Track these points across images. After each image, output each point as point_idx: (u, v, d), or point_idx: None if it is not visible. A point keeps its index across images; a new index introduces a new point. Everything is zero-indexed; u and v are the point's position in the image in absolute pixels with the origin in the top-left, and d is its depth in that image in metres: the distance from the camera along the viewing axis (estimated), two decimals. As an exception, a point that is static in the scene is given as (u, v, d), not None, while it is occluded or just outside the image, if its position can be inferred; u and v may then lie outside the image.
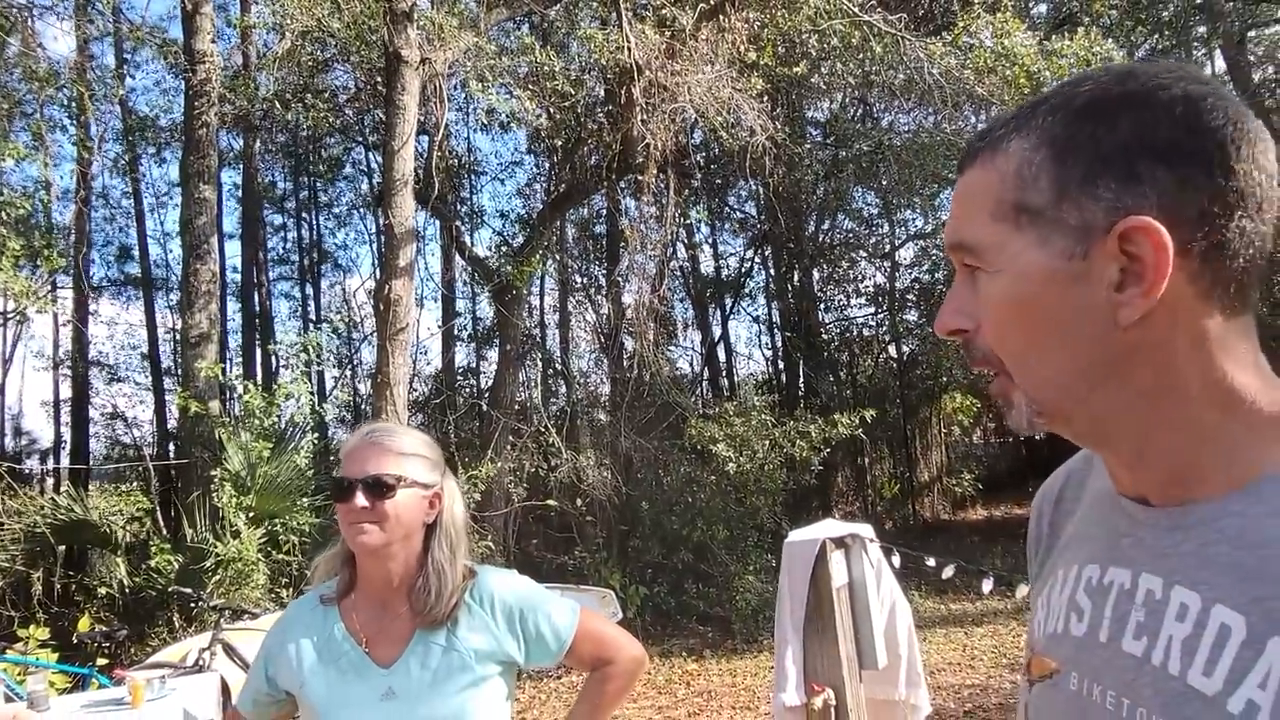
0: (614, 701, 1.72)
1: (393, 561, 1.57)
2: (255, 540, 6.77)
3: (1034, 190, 0.68)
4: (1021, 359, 0.70)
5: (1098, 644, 0.72)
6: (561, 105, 9.08)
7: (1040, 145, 0.68)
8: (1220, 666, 0.61)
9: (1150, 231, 0.63)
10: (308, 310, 16.61)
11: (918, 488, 16.15)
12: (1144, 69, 0.67)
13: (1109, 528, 0.76)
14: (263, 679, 1.62)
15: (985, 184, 0.71)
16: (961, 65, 8.45)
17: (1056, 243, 0.67)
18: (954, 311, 0.74)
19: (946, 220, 0.76)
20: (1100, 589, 0.74)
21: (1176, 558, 0.67)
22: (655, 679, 7.33)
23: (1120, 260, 0.65)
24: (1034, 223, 0.68)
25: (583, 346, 13.43)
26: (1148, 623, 0.68)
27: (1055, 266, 0.67)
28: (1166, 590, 0.67)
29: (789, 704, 2.90)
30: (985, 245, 0.70)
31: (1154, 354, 0.66)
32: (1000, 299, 0.70)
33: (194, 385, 7.70)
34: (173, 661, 5.02)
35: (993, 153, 0.71)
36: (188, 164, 8.27)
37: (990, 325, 0.71)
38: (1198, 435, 0.67)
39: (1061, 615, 0.78)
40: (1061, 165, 0.67)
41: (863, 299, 16.25)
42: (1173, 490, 0.69)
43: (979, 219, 0.71)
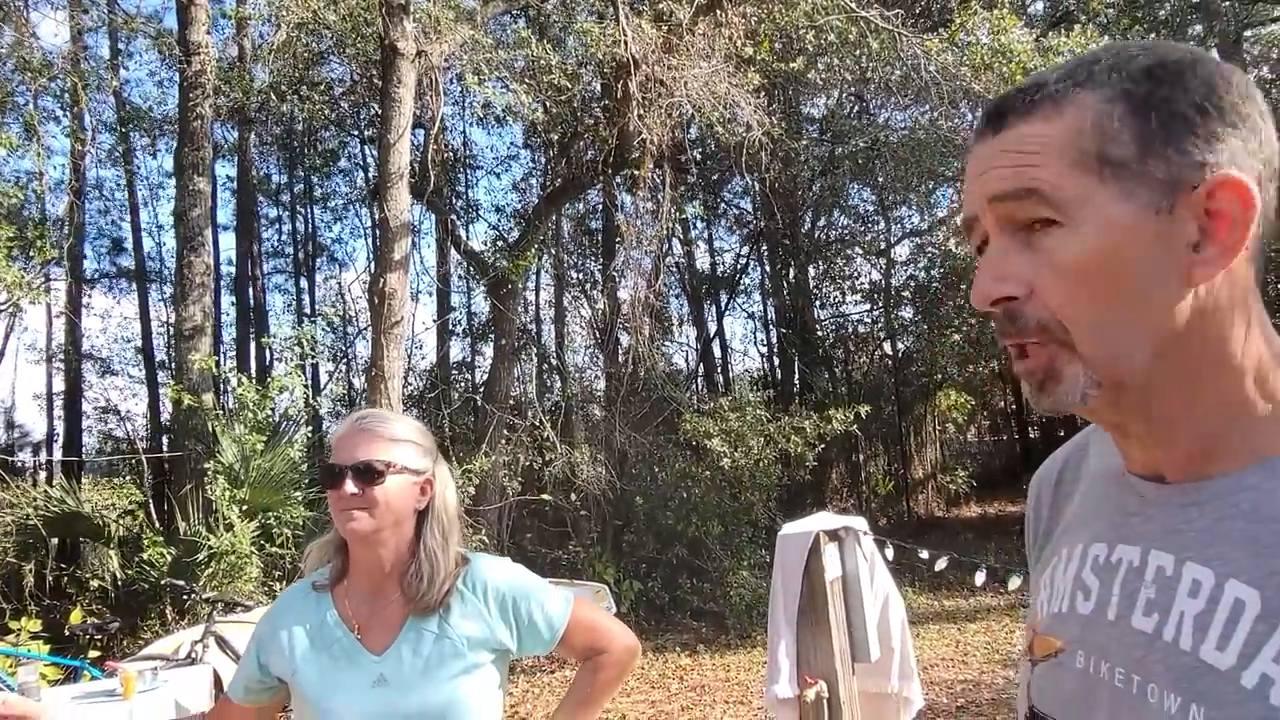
0: (607, 691, 1.72)
1: (383, 548, 1.56)
2: (248, 533, 6.76)
3: (1117, 143, 0.65)
4: (1095, 321, 0.66)
5: (1105, 622, 0.71)
6: (558, 99, 9.06)
7: (1115, 100, 0.65)
8: (1234, 641, 0.60)
9: (1240, 187, 0.62)
10: (302, 304, 16.59)
11: (912, 484, 16.17)
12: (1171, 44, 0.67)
13: (1116, 506, 0.75)
14: (255, 666, 1.62)
15: (1058, 134, 0.66)
16: (958, 62, 8.45)
17: (1142, 196, 0.64)
18: (999, 277, 0.68)
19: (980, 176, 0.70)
20: (1108, 567, 0.73)
21: (1190, 534, 0.66)
22: (649, 674, 7.33)
23: (1201, 219, 0.63)
24: (1118, 176, 0.64)
25: (578, 341, 13.43)
26: (1158, 599, 0.67)
27: (1140, 221, 0.64)
28: (1178, 567, 0.66)
29: (782, 696, 2.90)
30: (1068, 196, 0.65)
31: (1210, 321, 0.65)
32: (1080, 254, 0.65)
33: (187, 378, 7.68)
34: (165, 654, 5.01)
35: (1056, 104, 0.67)
36: (182, 156, 8.24)
37: (1061, 285, 0.66)
38: (1231, 407, 0.66)
39: (1067, 594, 0.77)
40: (1144, 120, 0.64)
41: (858, 296, 16.27)
42: (1193, 466, 0.68)
43: (1057, 168, 0.65)
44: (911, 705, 3.23)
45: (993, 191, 0.68)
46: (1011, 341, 0.69)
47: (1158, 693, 0.65)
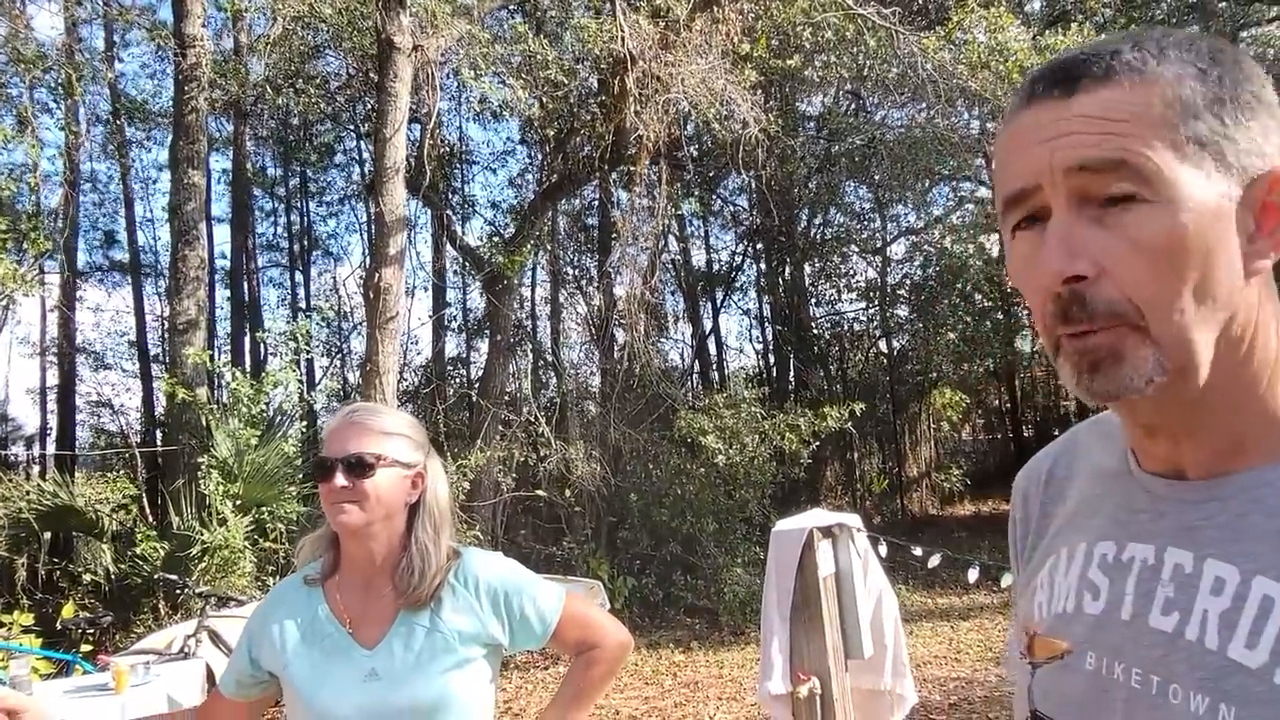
0: (599, 686, 1.72)
1: (374, 541, 1.56)
2: (242, 528, 6.75)
3: (1200, 121, 0.62)
4: (1175, 304, 0.62)
5: (1118, 622, 0.69)
6: (554, 95, 9.05)
7: (1189, 78, 0.62)
8: (1265, 638, 0.59)
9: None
10: (297, 298, 16.55)
11: (906, 483, 16.20)
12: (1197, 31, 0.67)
13: (1120, 504, 0.73)
14: (246, 660, 1.61)
15: (1145, 104, 0.62)
16: (955, 60, 8.45)
17: (1218, 180, 0.62)
18: (1072, 254, 0.62)
19: (1055, 139, 0.64)
20: (1118, 566, 0.71)
21: (1209, 530, 0.64)
22: (642, 670, 7.34)
23: (1257, 209, 0.63)
24: (1200, 155, 0.62)
25: (573, 338, 13.42)
26: (1178, 598, 0.65)
27: (1219, 204, 0.62)
28: (1198, 564, 0.64)
29: (774, 692, 2.90)
30: (1157, 171, 0.61)
31: (1254, 315, 0.64)
32: (1167, 233, 0.61)
33: (181, 372, 7.66)
34: (158, 648, 5.00)
35: (1139, 75, 0.63)
36: (177, 149, 8.21)
37: (1141, 264, 0.61)
38: (1262, 402, 0.65)
39: (1071, 594, 0.74)
40: (1220, 103, 0.62)
41: (853, 294, 16.28)
42: (1219, 462, 0.66)
43: (1147, 141, 0.61)
44: (905, 702, 3.24)
45: (1072, 160, 0.63)
46: (1072, 329, 0.64)
47: (1181, 693, 0.62)
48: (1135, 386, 0.63)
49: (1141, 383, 0.63)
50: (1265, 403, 0.64)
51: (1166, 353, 0.62)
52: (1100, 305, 0.62)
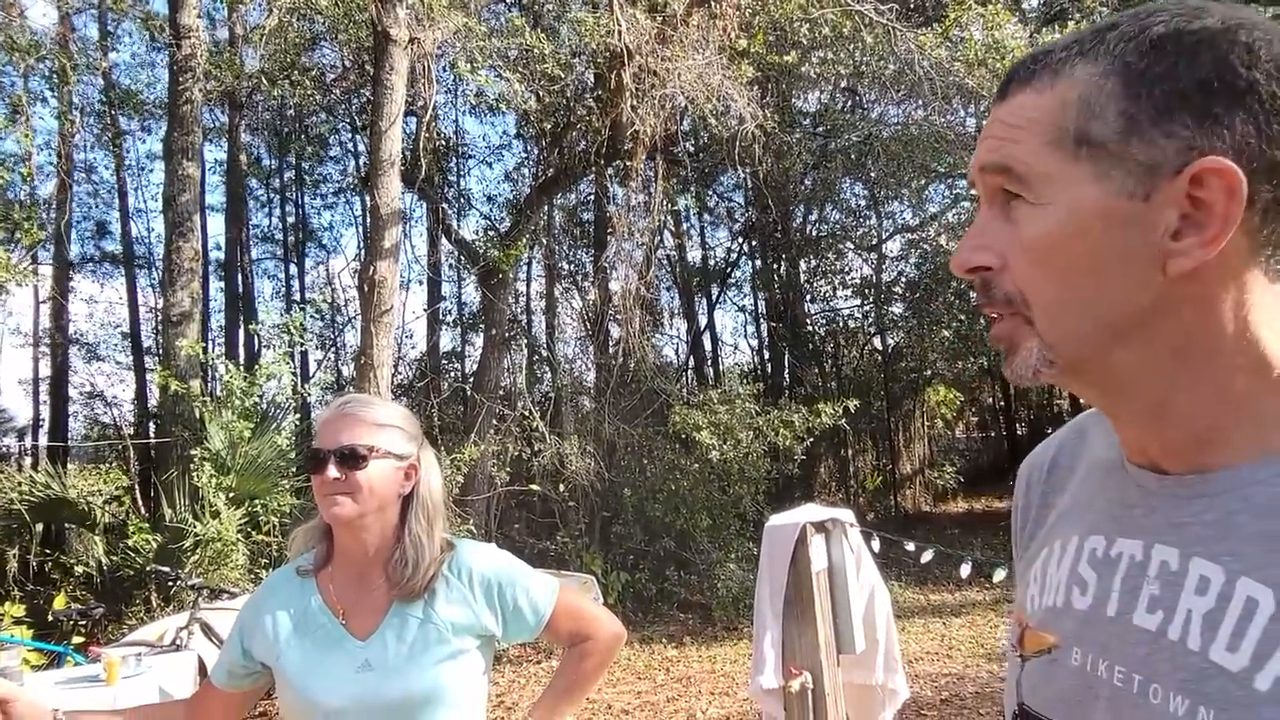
0: (592, 678, 1.72)
1: (367, 533, 1.55)
2: (235, 520, 6.74)
3: (1100, 121, 0.62)
4: (1052, 302, 0.64)
5: (1105, 618, 0.69)
6: (550, 89, 9.03)
7: (1111, 74, 0.62)
8: (1246, 642, 0.58)
9: (1226, 175, 0.59)
10: (291, 290, 16.53)
11: (900, 480, 16.24)
12: (1217, 6, 0.62)
13: (1115, 498, 0.73)
14: (238, 650, 1.61)
15: (1043, 108, 0.64)
16: (952, 58, 8.45)
17: (1117, 180, 0.61)
18: (977, 247, 0.68)
19: (982, 141, 0.68)
20: (1107, 561, 0.70)
21: (1196, 528, 0.64)
22: (635, 664, 7.35)
23: (1183, 206, 0.60)
24: (1095, 156, 0.62)
25: (569, 332, 13.40)
26: (1163, 596, 0.64)
27: (1112, 206, 0.61)
28: (1184, 562, 0.64)
29: (767, 686, 2.91)
30: (1037, 174, 0.64)
31: (1193, 309, 0.62)
32: (1043, 234, 0.64)
33: (175, 364, 7.64)
34: (150, 640, 5.00)
35: (1054, 76, 0.64)
36: (171, 140, 8.18)
37: (1025, 262, 0.65)
38: (1224, 398, 0.63)
39: (1061, 588, 0.74)
40: (1134, 98, 0.61)
41: (849, 291, 16.29)
42: (1192, 456, 0.65)
43: (1032, 144, 0.64)
44: (897, 697, 3.25)
45: (981, 161, 0.68)
46: (985, 311, 0.70)
47: (1161, 693, 0.62)
48: (1025, 376, 0.67)
49: (1029, 373, 0.67)
50: (1229, 397, 0.63)
51: (1049, 346, 0.65)
52: (999, 295, 0.67)
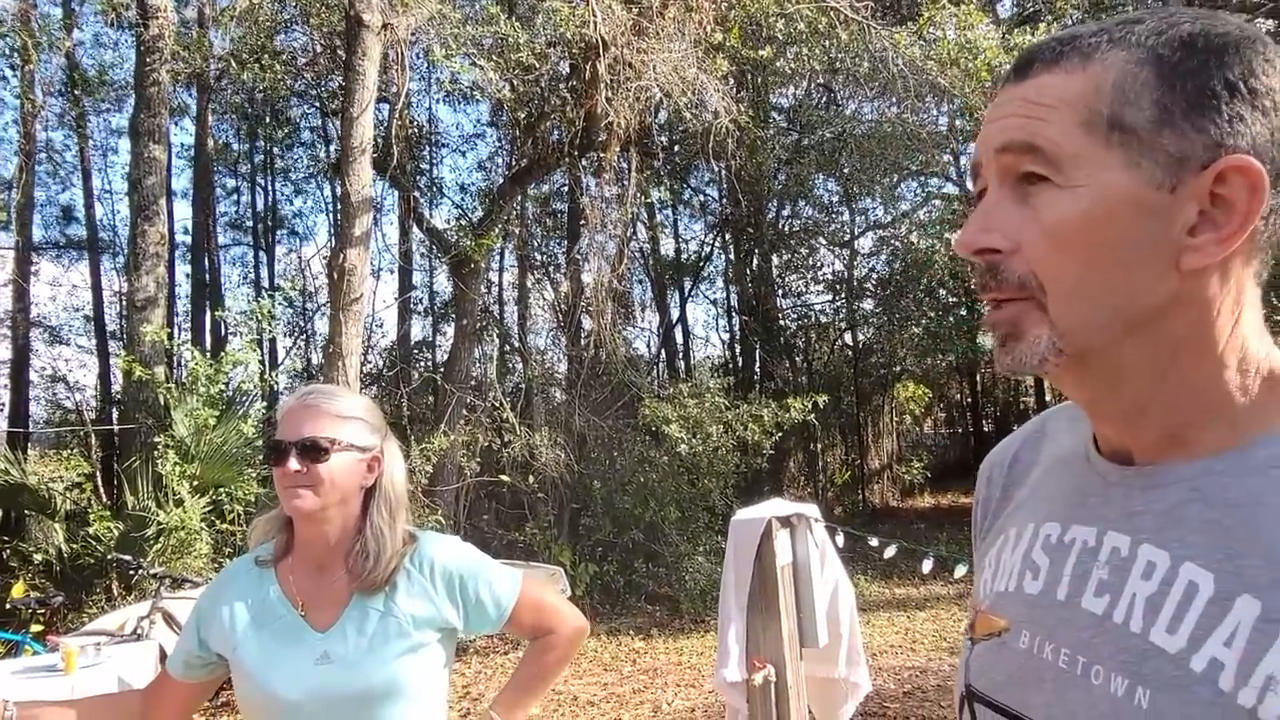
0: (554, 670, 1.72)
1: (329, 525, 1.54)
2: (199, 509, 6.66)
3: (1134, 108, 0.62)
4: (1072, 289, 0.64)
5: (1054, 602, 0.70)
6: (525, 78, 8.98)
7: (1145, 63, 0.62)
8: (1185, 624, 0.59)
9: (1251, 173, 0.60)
10: (260, 277, 16.34)
11: (868, 475, 16.39)
12: (1231, 17, 0.64)
13: (1074, 488, 0.74)
14: (195, 641, 1.59)
15: (1075, 89, 0.63)
16: (925, 56, 8.51)
17: (1146, 169, 0.61)
18: (986, 229, 0.66)
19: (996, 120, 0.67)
20: (1060, 546, 0.72)
21: (1148, 516, 0.65)
22: (602, 656, 7.37)
23: (1204, 202, 0.61)
24: (1127, 143, 0.62)
25: (540, 324, 13.37)
26: (1111, 580, 0.66)
27: (1140, 194, 0.61)
28: (1133, 548, 0.65)
29: (730, 680, 2.93)
30: (1068, 155, 0.63)
31: (1196, 307, 0.63)
32: (1071, 217, 0.63)
33: (139, 349, 7.53)
34: (110, 630, 4.94)
35: (1085, 59, 0.64)
36: (137, 122, 8.03)
37: (1046, 246, 0.64)
38: (1207, 395, 0.65)
39: (1014, 573, 0.75)
40: (1169, 89, 0.61)
41: (820, 286, 16.40)
42: (1163, 450, 0.67)
43: (1064, 125, 0.63)
44: (859, 690, 3.28)
45: (999, 141, 0.66)
46: (989, 296, 0.68)
47: (1103, 674, 0.63)
48: (1030, 364, 0.66)
49: (1035, 360, 0.65)
50: (1210, 394, 0.64)
51: (1061, 334, 0.65)
52: (1011, 278, 0.66)
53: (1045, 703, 0.67)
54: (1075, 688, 0.65)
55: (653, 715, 5.85)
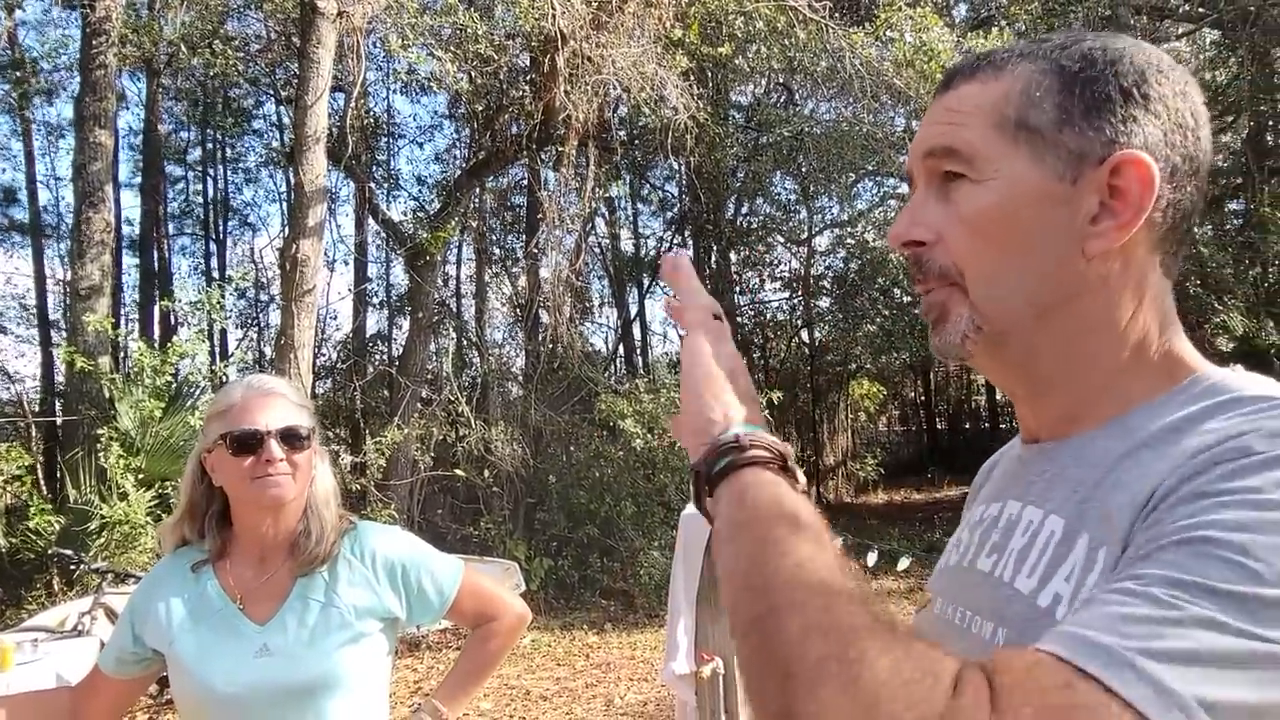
0: (496, 658, 1.72)
1: (289, 513, 1.55)
2: (144, 503, 6.53)
3: (1038, 110, 0.69)
4: (987, 272, 0.70)
5: (960, 569, 0.78)
6: (483, 70, 8.91)
7: (1049, 72, 0.69)
8: (1040, 567, 0.66)
9: (1141, 166, 0.66)
10: (210, 268, 16.01)
11: (823, 471, 16.57)
12: (1129, 37, 0.72)
13: (1004, 473, 0.83)
14: (129, 637, 1.56)
15: (987, 96, 0.71)
16: (881, 57, 8.61)
17: (1050, 164, 0.68)
18: (914, 223, 0.73)
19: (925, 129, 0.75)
20: (979, 523, 0.79)
21: (1039, 484, 0.72)
22: (555, 651, 7.36)
23: (1103, 193, 0.67)
24: (1032, 141, 0.69)
25: (497, 318, 13.30)
26: (999, 541, 0.73)
27: (1045, 185, 0.68)
28: (1020, 511, 0.72)
29: (679, 672, 2.95)
30: (980, 154, 0.70)
31: (1100, 294, 0.69)
32: (984, 207, 0.69)
33: (82, 340, 7.35)
34: (49, 626, 4.83)
35: (996, 71, 0.72)
36: (83, 106, 7.84)
37: (963, 234, 0.71)
38: (1105, 373, 0.70)
39: (948, 552, 0.84)
40: (1069, 94, 0.68)
41: (778, 284, 16.53)
42: (1062, 427, 0.73)
43: (978, 128, 0.70)
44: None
45: (924, 148, 0.73)
46: (918, 286, 0.75)
47: (980, 623, 0.70)
48: (954, 342, 0.72)
49: (958, 338, 0.72)
50: (1106, 373, 0.70)
51: (980, 313, 0.71)
52: (934, 267, 0.73)
53: None
54: (963, 640, 0.71)
55: (605, 709, 5.86)
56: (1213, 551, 0.50)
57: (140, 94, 13.21)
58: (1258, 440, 0.56)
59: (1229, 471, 0.55)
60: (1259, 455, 0.54)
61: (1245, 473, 0.54)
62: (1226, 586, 0.49)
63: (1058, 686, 0.47)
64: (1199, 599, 0.49)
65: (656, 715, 5.64)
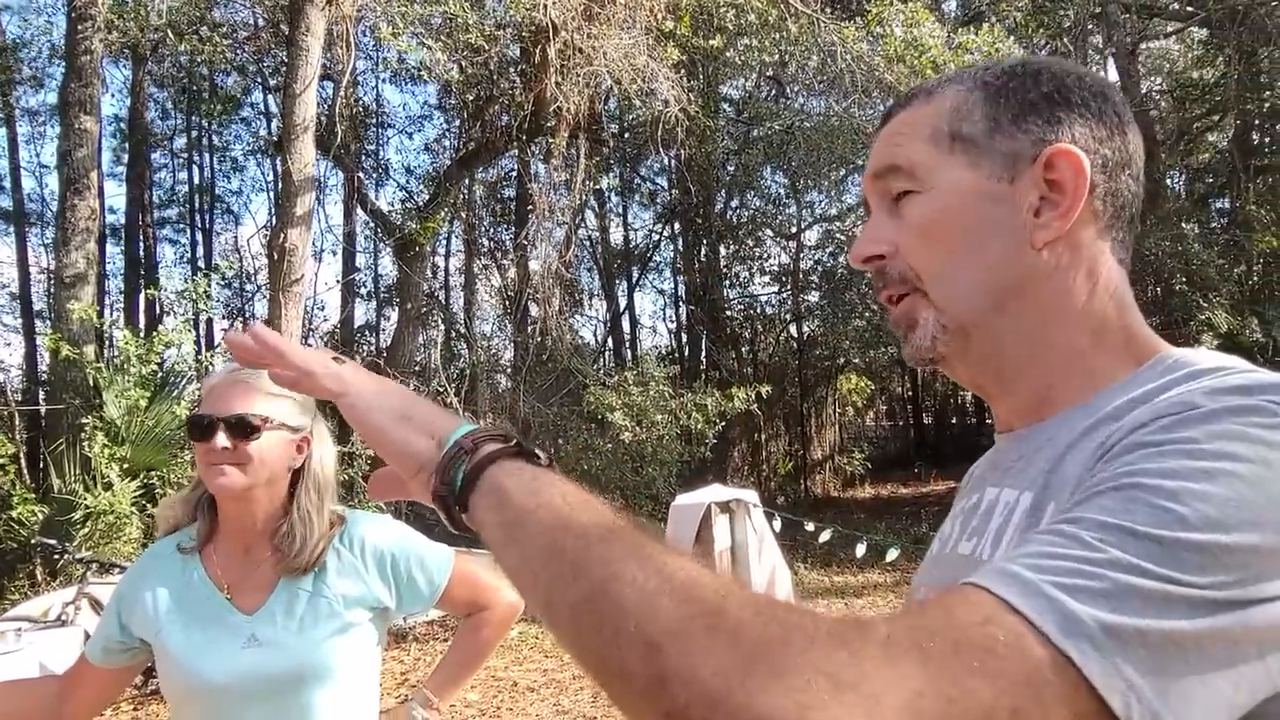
0: (488, 648, 1.71)
1: (255, 505, 1.51)
2: (129, 493, 6.48)
3: (968, 122, 0.74)
4: (942, 271, 0.74)
5: (942, 556, 0.80)
6: (474, 60, 8.86)
7: (975, 89, 0.75)
8: (1009, 539, 0.68)
9: (1072, 157, 0.71)
10: (196, 257, 15.90)
11: (810, 465, 16.61)
12: (1041, 56, 0.79)
13: (986, 465, 0.85)
14: (115, 626, 1.54)
15: (922, 117, 0.76)
16: (873, 52, 8.61)
17: (986, 167, 0.73)
18: (871, 240, 0.78)
19: (871, 158, 0.80)
20: (960, 513, 0.82)
21: (1015, 468, 0.74)
22: (542, 643, 7.36)
23: (1041, 188, 0.72)
24: (967, 149, 0.74)
25: (486, 309, 13.26)
26: (978, 525, 0.75)
27: (983, 186, 0.73)
28: (997, 495, 0.75)
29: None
30: (921, 166, 0.75)
31: (1054, 280, 0.73)
32: (930, 213, 0.74)
33: (66, 328, 7.29)
34: (33, 616, 4.80)
35: (929, 96, 0.77)
36: (68, 91, 7.76)
37: (915, 241, 0.75)
38: (1068, 357, 0.73)
39: (931, 547, 0.86)
40: (995, 104, 0.74)
41: (767, 278, 16.52)
42: (1034, 412, 0.76)
43: (916, 144, 0.75)
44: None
45: (871, 170, 0.79)
46: (883, 295, 0.79)
47: None
48: (925, 346, 0.76)
49: (928, 341, 0.76)
50: (1070, 357, 0.73)
51: (943, 312, 0.75)
52: (895, 275, 0.77)
53: None
54: None
55: (592, 701, 5.86)
56: (1141, 496, 0.52)
57: (126, 81, 13.08)
58: (1200, 396, 0.58)
59: (1169, 424, 0.57)
60: (1199, 409, 0.56)
61: (1184, 425, 0.56)
62: (1151, 530, 0.50)
63: (979, 618, 0.49)
64: (1123, 541, 0.50)
65: (643, 707, 5.64)
